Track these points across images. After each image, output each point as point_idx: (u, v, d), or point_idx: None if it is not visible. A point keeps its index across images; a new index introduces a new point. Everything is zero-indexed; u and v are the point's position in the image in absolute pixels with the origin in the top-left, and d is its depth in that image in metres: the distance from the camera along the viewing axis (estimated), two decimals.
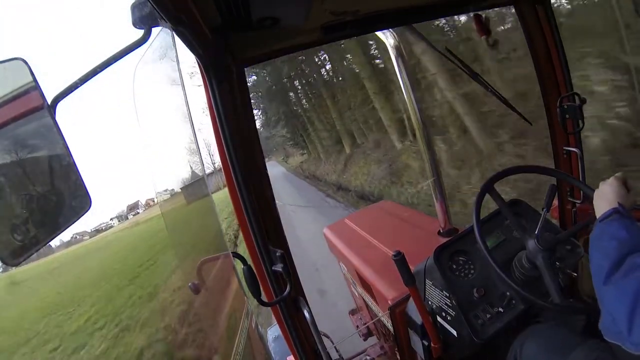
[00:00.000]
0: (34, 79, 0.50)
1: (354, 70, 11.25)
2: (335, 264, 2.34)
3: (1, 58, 0.49)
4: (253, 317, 1.52)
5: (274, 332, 2.18)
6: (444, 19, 5.05)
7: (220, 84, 0.82)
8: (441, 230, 1.74)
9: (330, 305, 3.60)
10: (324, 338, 1.13)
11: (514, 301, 1.09)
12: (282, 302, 0.98)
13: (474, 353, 1.14)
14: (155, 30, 0.64)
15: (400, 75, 1.61)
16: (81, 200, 0.55)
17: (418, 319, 1.20)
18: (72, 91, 0.56)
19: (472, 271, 1.17)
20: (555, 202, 1.40)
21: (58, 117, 0.52)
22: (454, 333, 1.12)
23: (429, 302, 1.20)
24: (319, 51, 11.82)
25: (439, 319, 1.17)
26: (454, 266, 1.18)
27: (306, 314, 1.03)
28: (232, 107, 0.87)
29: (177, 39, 0.66)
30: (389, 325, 1.43)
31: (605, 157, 3.14)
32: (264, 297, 0.92)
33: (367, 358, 2.01)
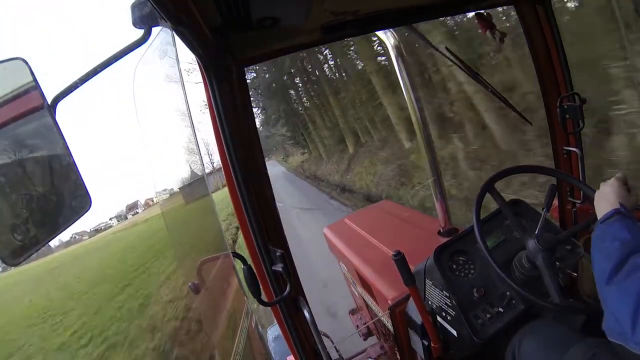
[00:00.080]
0: (34, 79, 0.50)
1: (359, 66, 10.88)
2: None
3: (1, 58, 0.49)
4: (253, 317, 1.52)
5: (274, 332, 2.19)
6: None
7: (220, 84, 0.82)
8: (441, 230, 1.74)
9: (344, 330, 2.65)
10: (324, 338, 1.13)
11: (514, 301, 1.09)
12: (282, 302, 0.99)
13: (474, 353, 1.14)
14: (155, 30, 0.64)
15: (401, 75, 1.61)
16: (81, 200, 0.55)
17: (418, 318, 1.20)
18: (72, 91, 0.56)
19: (472, 271, 1.17)
20: (556, 202, 1.40)
21: (58, 117, 0.52)
22: (454, 333, 1.12)
23: (429, 302, 1.20)
24: (322, 47, 11.39)
25: (439, 318, 1.17)
26: (454, 266, 1.18)
27: (306, 313, 1.03)
28: (232, 107, 0.87)
29: (177, 38, 0.67)
30: (389, 325, 1.43)
31: None
32: (264, 297, 0.92)
33: (367, 358, 2.01)
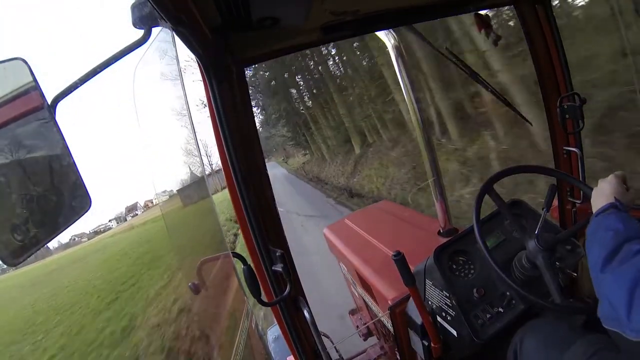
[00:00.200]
0: (34, 79, 0.50)
1: (367, 60, 10.29)
2: None
3: (1, 58, 0.49)
4: (253, 317, 1.52)
5: (274, 332, 2.19)
6: None
7: (220, 84, 0.82)
8: (441, 230, 1.74)
9: None
10: (324, 338, 1.13)
11: (514, 301, 1.09)
12: (282, 302, 0.99)
13: (474, 353, 1.14)
14: (155, 30, 0.64)
15: (400, 75, 1.61)
16: (81, 200, 0.55)
17: (418, 319, 1.20)
18: (72, 91, 0.56)
19: (472, 271, 1.17)
20: (555, 202, 1.40)
21: (58, 117, 0.52)
22: (454, 333, 1.12)
23: (429, 302, 1.20)
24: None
25: (439, 319, 1.17)
26: (454, 266, 1.18)
27: (306, 314, 1.03)
28: (232, 107, 0.87)
29: (177, 39, 0.67)
30: (389, 325, 1.43)
31: None
32: (264, 297, 0.92)
33: (367, 358, 2.01)
